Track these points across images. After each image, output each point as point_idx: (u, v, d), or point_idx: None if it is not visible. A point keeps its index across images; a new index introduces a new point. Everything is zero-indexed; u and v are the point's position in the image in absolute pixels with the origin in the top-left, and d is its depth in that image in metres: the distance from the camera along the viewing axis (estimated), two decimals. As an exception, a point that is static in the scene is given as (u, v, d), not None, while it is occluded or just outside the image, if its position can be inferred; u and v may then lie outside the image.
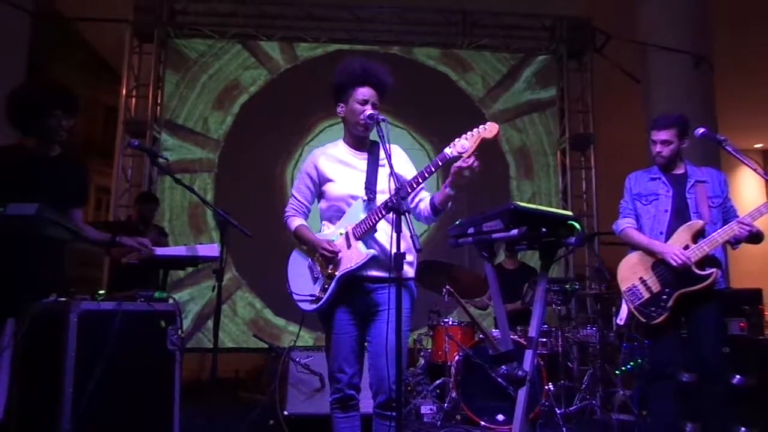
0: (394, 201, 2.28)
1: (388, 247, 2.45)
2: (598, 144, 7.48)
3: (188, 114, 7.16)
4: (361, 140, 2.67)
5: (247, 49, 7.32)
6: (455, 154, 2.39)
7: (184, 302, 6.55)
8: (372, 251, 2.47)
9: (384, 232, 2.50)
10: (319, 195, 2.71)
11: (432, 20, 7.50)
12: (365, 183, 2.57)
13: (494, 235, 2.51)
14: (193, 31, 7.24)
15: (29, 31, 5.99)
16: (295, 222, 2.71)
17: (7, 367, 2.76)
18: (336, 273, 2.51)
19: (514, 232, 2.43)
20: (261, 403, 4.34)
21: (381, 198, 2.53)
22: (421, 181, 2.44)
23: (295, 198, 2.73)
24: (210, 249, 3.13)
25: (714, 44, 6.72)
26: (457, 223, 2.66)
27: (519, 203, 2.47)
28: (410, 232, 2.26)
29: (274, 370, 4.23)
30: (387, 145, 2.40)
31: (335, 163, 2.65)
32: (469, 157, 2.34)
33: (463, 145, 2.38)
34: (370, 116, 2.53)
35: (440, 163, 2.42)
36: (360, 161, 2.65)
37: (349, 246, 2.52)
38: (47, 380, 2.52)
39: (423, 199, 2.64)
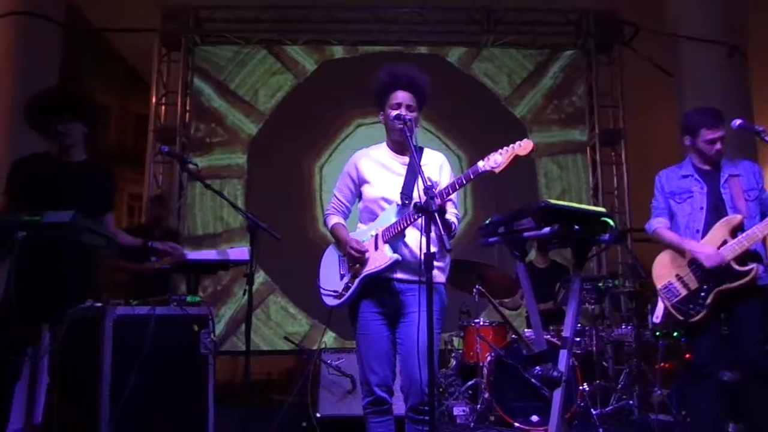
0: (422, 201, 2.27)
1: (417, 251, 2.46)
2: (629, 138, 7.34)
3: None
4: (402, 145, 2.66)
5: (273, 54, 7.37)
6: (487, 168, 2.39)
7: (218, 306, 6.64)
8: (396, 256, 2.48)
9: (414, 236, 2.50)
10: (359, 196, 2.75)
11: (456, 19, 7.44)
12: (402, 188, 2.59)
13: (526, 234, 2.48)
14: (219, 38, 7.32)
15: (61, 43, 6.12)
16: (333, 220, 2.76)
17: (45, 372, 2.82)
18: (360, 273, 2.55)
19: (546, 230, 2.40)
20: (293, 406, 4.36)
21: None
22: (451, 191, 2.45)
23: (336, 197, 2.79)
24: (240, 253, 3.16)
25: (747, 32, 6.54)
26: (487, 222, 2.64)
27: (550, 200, 2.44)
28: (440, 232, 2.25)
29: (306, 373, 4.25)
30: (412, 144, 2.43)
31: (375, 165, 2.69)
32: (499, 173, 2.36)
33: (496, 160, 2.37)
34: (397, 116, 2.53)
35: (472, 176, 2.41)
36: (400, 166, 2.67)
37: (376, 248, 2.54)
38: (85, 384, 2.56)
39: (447, 213, 2.57)
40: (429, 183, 2.29)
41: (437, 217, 2.21)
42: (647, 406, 4.39)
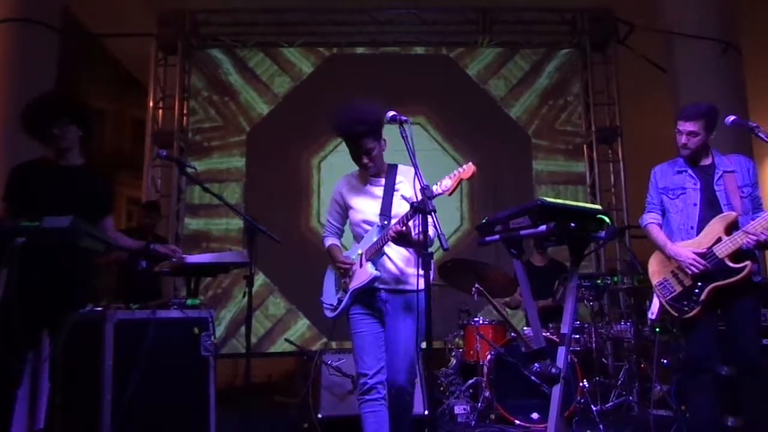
0: (419, 201, 2.36)
1: (398, 262, 2.84)
2: (626, 136, 7.36)
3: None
4: (377, 172, 2.93)
5: (270, 57, 7.39)
6: (439, 192, 2.54)
7: (218, 309, 6.66)
8: (377, 272, 2.76)
9: (394, 251, 2.82)
10: (348, 217, 3.03)
11: (452, 19, 7.46)
12: (380, 209, 2.86)
13: (522, 232, 2.50)
14: (216, 42, 7.34)
15: (57, 49, 6.12)
16: (328, 242, 3.08)
17: (47, 376, 2.83)
18: (349, 288, 2.85)
19: (543, 228, 2.42)
20: (295, 407, 4.38)
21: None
22: (406, 221, 2.63)
23: (329, 221, 3.09)
24: (239, 255, 3.18)
25: (741, 28, 6.56)
26: (484, 221, 2.66)
27: (546, 198, 2.46)
28: (437, 231, 2.29)
29: (307, 374, 4.26)
30: (411, 145, 2.50)
31: (355, 190, 2.98)
32: (449, 194, 2.55)
33: (446, 184, 2.54)
34: (393, 117, 2.57)
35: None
36: (377, 188, 2.93)
37: (361, 265, 2.83)
38: (86, 389, 2.58)
39: None
40: (424, 184, 2.41)
41: (434, 217, 2.30)
42: (647, 401, 4.41)
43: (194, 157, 7.03)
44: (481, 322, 4.79)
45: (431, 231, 2.34)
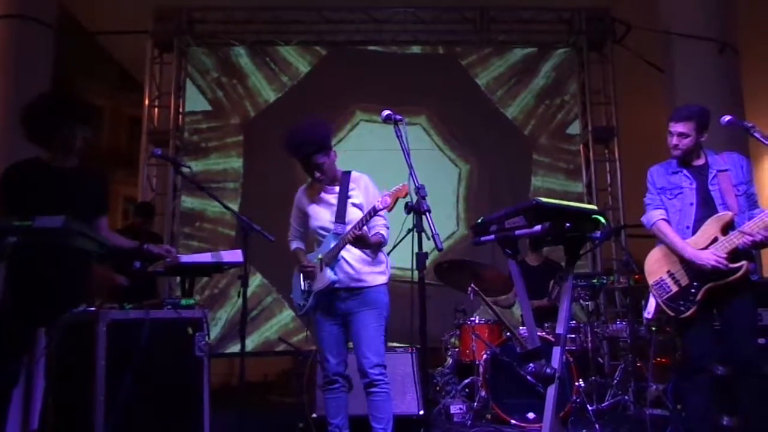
0: (414, 202, 2.41)
1: (354, 264, 3.06)
2: (622, 136, 7.36)
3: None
4: (332, 180, 3.17)
5: (266, 55, 7.37)
6: (381, 207, 2.82)
7: (215, 309, 6.65)
8: (334, 278, 3.02)
9: (349, 255, 3.04)
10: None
11: (449, 18, 7.44)
12: (335, 216, 3.09)
13: (518, 232, 2.49)
14: (211, 40, 7.32)
15: (53, 46, 6.10)
16: (293, 245, 3.36)
17: (41, 377, 2.82)
18: (312, 290, 3.11)
19: (538, 228, 2.41)
20: (290, 406, 4.37)
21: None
22: (362, 225, 2.91)
23: (293, 226, 3.36)
24: (234, 255, 3.17)
25: (738, 28, 6.56)
26: (479, 221, 2.65)
27: (541, 199, 2.45)
28: (432, 231, 2.30)
29: (302, 373, 4.25)
30: (405, 144, 2.54)
31: (311, 200, 3.22)
32: (389, 210, 2.81)
33: (386, 200, 2.80)
34: (387, 116, 2.58)
35: (373, 213, 2.89)
36: (331, 195, 3.16)
37: (321, 270, 3.07)
38: (80, 388, 2.56)
39: (377, 225, 3.10)
40: (419, 185, 2.46)
41: (429, 217, 2.36)
42: (643, 400, 4.41)
43: (191, 158, 7.00)
44: (477, 321, 4.78)
45: (427, 230, 2.37)
